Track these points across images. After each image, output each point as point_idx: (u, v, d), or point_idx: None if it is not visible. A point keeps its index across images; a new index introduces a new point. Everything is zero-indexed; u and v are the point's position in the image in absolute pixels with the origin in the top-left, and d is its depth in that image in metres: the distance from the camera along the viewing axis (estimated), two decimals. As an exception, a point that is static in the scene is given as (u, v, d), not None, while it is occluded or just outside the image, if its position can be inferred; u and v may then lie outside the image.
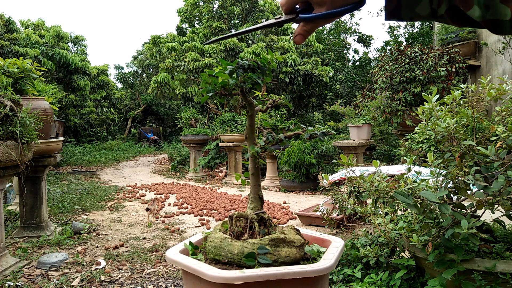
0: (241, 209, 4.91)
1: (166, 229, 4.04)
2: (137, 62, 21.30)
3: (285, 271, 1.25)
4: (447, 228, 1.77)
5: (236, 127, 8.79)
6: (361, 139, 6.48)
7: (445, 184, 1.78)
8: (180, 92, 10.85)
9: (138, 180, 8.34)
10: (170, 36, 12.11)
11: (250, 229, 1.46)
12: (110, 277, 2.74)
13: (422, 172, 2.01)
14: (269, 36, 11.42)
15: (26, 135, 2.78)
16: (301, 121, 11.18)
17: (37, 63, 4.01)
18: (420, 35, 15.05)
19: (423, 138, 2.48)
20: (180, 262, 1.38)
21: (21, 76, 3.32)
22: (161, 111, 19.91)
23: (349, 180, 2.17)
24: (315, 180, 6.35)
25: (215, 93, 1.48)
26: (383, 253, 2.22)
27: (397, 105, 5.72)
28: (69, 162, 11.23)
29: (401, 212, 2.39)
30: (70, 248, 3.41)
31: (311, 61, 11.16)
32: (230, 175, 7.85)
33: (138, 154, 14.89)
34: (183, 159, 10.72)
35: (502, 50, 5.77)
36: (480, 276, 1.71)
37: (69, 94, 12.53)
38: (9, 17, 10.65)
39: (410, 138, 3.30)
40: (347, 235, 3.46)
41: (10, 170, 2.78)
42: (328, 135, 1.51)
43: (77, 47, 14.99)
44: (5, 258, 2.85)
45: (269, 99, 1.65)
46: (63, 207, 5.08)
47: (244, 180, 1.57)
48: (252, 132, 1.53)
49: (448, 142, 1.92)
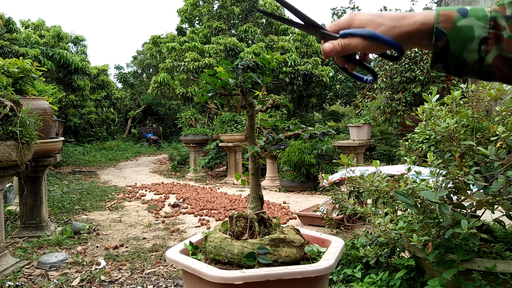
0: (241, 209, 4.91)
1: (166, 229, 4.04)
2: (137, 62, 21.31)
3: (285, 271, 1.25)
4: (447, 228, 1.77)
5: (236, 127, 8.79)
6: (361, 139, 6.48)
7: (445, 184, 1.78)
8: (180, 92, 10.85)
9: (138, 180, 8.34)
10: (170, 36, 12.11)
11: (250, 229, 1.46)
12: (110, 277, 2.74)
13: (422, 172, 2.01)
14: (269, 36, 11.42)
15: (26, 135, 2.78)
16: (301, 121, 11.17)
17: (37, 63, 4.01)
18: (420, 35, 15.06)
19: (423, 138, 2.48)
20: (180, 262, 1.38)
21: (21, 76, 3.32)
22: (161, 111, 19.91)
23: (349, 180, 2.17)
24: (315, 180, 6.34)
25: (215, 93, 1.48)
26: (383, 253, 2.22)
27: (397, 105, 5.72)
28: (69, 162, 11.23)
29: (401, 212, 2.39)
30: (70, 248, 3.40)
31: (311, 61, 11.16)
32: (230, 175, 7.85)
33: (138, 154, 14.89)
34: (183, 159, 10.72)
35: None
36: (480, 276, 1.71)
37: (69, 94, 12.54)
38: (9, 17, 10.65)
39: (410, 138, 3.30)
40: (347, 235, 3.46)
41: (10, 170, 2.78)
42: (328, 135, 1.51)
43: (77, 47, 15.00)
44: (5, 258, 2.85)
45: (269, 99, 1.65)
46: (63, 207, 5.07)
47: (244, 180, 1.57)
48: (252, 132, 1.53)
49: (448, 142, 1.92)
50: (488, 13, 0.57)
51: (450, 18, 0.58)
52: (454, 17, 0.58)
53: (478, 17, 0.57)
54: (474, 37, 0.57)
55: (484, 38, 0.57)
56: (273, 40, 11.23)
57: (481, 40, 0.57)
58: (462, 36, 0.57)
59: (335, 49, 0.66)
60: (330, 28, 0.69)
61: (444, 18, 0.58)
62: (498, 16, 0.57)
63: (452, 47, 0.58)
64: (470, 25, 0.57)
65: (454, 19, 0.58)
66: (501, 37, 0.56)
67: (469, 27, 0.57)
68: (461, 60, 0.59)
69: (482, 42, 0.57)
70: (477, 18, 0.57)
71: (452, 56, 0.59)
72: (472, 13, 0.58)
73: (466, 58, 0.58)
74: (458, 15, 0.58)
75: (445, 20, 0.58)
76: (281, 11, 12.94)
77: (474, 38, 0.57)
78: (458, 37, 0.57)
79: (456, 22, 0.58)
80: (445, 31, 0.58)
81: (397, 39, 0.63)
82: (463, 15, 0.58)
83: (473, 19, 0.57)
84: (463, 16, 0.58)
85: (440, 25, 0.58)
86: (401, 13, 0.63)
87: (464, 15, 0.58)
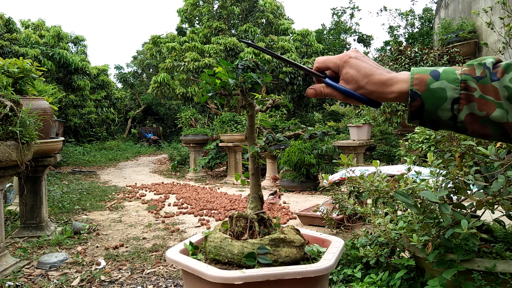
0: (241, 209, 4.91)
1: (166, 229, 4.04)
2: (137, 62, 21.31)
3: (285, 271, 1.25)
4: (447, 228, 1.77)
5: (236, 127, 8.79)
6: (361, 139, 6.48)
7: (445, 184, 1.78)
8: (180, 92, 10.85)
9: (138, 180, 8.34)
10: (170, 36, 12.11)
11: (250, 229, 1.46)
12: (110, 277, 2.74)
13: (422, 172, 2.01)
14: (269, 36, 11.42)
15: (26, 135, 2.78)
16: (301, 121, 11.17)
17: (37, 63, 4.01)
18: (420, 35, 15.05)
19: (423, 138, 2.48)
20: (180, 262, 1.38)
21: (21, 76, 3.32)
22: (161, 111, 19.91)
23: (349, 180, 2.17)
24: (315, 180, 6.34)
25: (215, 93, 1.48)
26: (383, 253, 2.22)
27: (397, 105, 5.72)
28: (69, 162, 11.23)
29: (401, 212, 2.39)
30: (70, 248, 3.40)
31: (311, 61, 11.16)
32: (230, 175, 7.85)
33: (138, 154, 14.89)
34: (183, 159, 10.72)
35: (502, 50, 5.76)
36: (480, 276, 1.71)
37: (69, 94, 12.54)
38: (9, 17, 10.65)
39: (410, 138, 3.31)
40: (347, 235, 3.46)
41: (10, 170, 2.78)
42: (328, 135, 1.51)
43: (77, 47, 15.00)
44: (5, 258, 2.85)
45: (269, 99, 1.65)
46: (63, 207, 5.07)
47: (244, 180, 1.57)
48: (252, 132, 1.53)
49: (448, 142, 1.92)
50: (459, 76, 0.62)
51: (423, 81, 0.63)
52: (427, 80, 0.63)
53: (449, 80, 0.62)
54: (447, 98, 0.62)
55: (456, 98, 0.61)
56: (273, 40, 11.23)
57: (453, 100, 0.61)
58: (436, 97, 0.62)
59: (317, 96, 0.75)
60: (318, 63, 0.75)
61: (418, 81, 0.63)
62: (468, 78, 0.61)
63: (427, 106, 0.63)
64: (442, 87, 0.62)
65: (427, 82, 0.63)
66: (472, 97, 0.61)
67: (441, 89, 0.62)
68: (436, 117, 0.64)
69: (455, 102, 0.61)
70: (448, 81, 0.62)
71: (427, 113, 0.64)
72: (444, 76, 0.62)
73: (440, 115, 0.63)
74: (431, 78, 0.63)
75: (419, 83, 0.63)
76: (281, 11, 12.95)
77: (447, 98, 0.62)
78: (432, 98, 0.62)
79: (429, 84, 0.63)
80: (419, 92, 0.63)
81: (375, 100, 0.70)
82: (435, 78, 0.63)
83: (445, 82, 0.62)
84: (435, 79, 0.63)
85: (415, 87, 0.63)
86: (383, 77, 0.68)
87: (436, 78, 0.63)
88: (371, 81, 0.68)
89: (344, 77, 0.70)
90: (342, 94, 0.71)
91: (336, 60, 0.72)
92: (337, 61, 0.71)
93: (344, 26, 17.55)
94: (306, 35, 12.43)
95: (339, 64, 0.71)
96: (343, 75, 0.71)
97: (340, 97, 0.72)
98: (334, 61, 0.72)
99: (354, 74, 0.69)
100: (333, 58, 0.72)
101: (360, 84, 0.69)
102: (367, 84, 0.68)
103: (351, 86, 0.70)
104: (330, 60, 0.73)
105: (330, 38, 17.15)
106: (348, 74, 0.70)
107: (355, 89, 0.69)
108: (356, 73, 0.69)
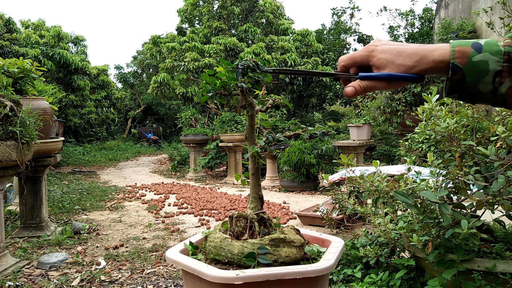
0: (241, 209, 4.91)
1: (166, 229, 4.04)
2: (137, 62, 21.31)
3: (285, 271, 1.25)
4: (447, 228, 1.77)
5: (236, 127, 8.79)
6: (361, 139, 6.47)
7: (445, 184, 1.78)
8: (180, 92, 10.85)
9: (138, 180, 8.34)
10: (170, 36, 12.11)
11: (250, 229, 1.46)
12: (110, 277, 2.74)
13: (422, 172, 2.01)
14: (269, 36, 11.42)
15: (26, 135, 2.78)
16: (301, 121, 11.17)
17: (37, 63, 4.01)
18: (420, 35, 15.05)
19: (423, 138, 2.48)
20: (180, 262, 1.38)
21: (21, 76, 3.32)
22: (161, 111, 19.91)
23: (349, 180, 2.17)
24: (315, 180, 6.34)
25: (215, 93, 1.48)
26: (383, 253, 2.22)
27: (397, 105, 5.72)
28: (69, 162, 11.23)
29: (401, 212, 2.39)
30: (70, 248, 3.40)
31: (311, 61, 11.16)
32: (230, 175, 7.84)
33: (138, 154, 14.89)
34: (183, 159, 10.72)
35: (502, 50, 5.76)
36: (480, 276, 1.71)
37: (69, 94, 12.54)
38: (9, 17, 10.65)
39: (410, 138, 3.30)
40: (347, 235, 3.46)
41: (10, 170, 2.78)
42: (328, 135, 1.51)
43: (77, 47, 15.00)
44: (5, 258, 2.85)
45: (269, 99, 1.65)
46: (63, 207, 5.07)
47: (244, 180, 1.56)
48: (252, 132, 1.53)
49: (448, 142, 1.92)
50: (502, 48, 0.61)
51: (465, 54, 0.62)
52: (469, 52, 0.62)
53: (492, 52, 0.61)
54: (489, 71, 0.61)
55: (499, 71, 0.61)
56: (273, 40, 11.23)
57: (495, 73, 0.61)
58: (478, 70, 0.61)
59: (358, 93, 0.71)
60: (343, 62, 0.73)
61: (460, 54, 0.63)
62: (511, 50, 0.60)
63: (468, 80, 0.62)
64: (485, 60, 0.61)
65: (469, 55, 0.62)
66: None
67: (484, 61, 0.61)
68: (476, 90, 0.63)
69: (497, 75, 0.61)
70: (491, 53, 0.61)
71: (467, 87, 0.63)
72: (486, 48, 0.62)
73: (481, 89, 0.63)
74: (473, 51, 0.62)
75: (461, 56, 0.62)
76: (281, 11, 12.94)
77: (489, 71, 0.61)
78: (473, 71, 0.62)
79: (471, 57, 0.62)
80: (461, 66, 0.62)
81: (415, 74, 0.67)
82: (478, 50, 0.62)
83: (487, 54, 0.61)
84: (477, 52, 0.62)
85: (456, 60, 0.63)
86: (418, 49, 0.66)
87: (478, 50, 0.62)
88: (407, 56, 0.67)
89: (377, 63, 0.69)
90: (384, 80, 0.69)
91: (362, 53, 0.71)
92: (363, 53, 0.71)
93: (344, 26, 17.55)
94: (306, 35, 12.43)
95: (367, 55, 0.70)
96: (375, 62, 0.69)
97: (382, 86, 0.70)
98: (360, 54, 0.71)
99: (388, 57, 0.68)
100: (358, 51, 0.72)
101: (397, 63, 0.67)
102: (404, 60, 0.67)
103: (389, 69, 0.68)
104: (356, 55, 0.72)
105: (330, 38, 17.14)
106: (381, 59, 0.69)
107: (394, 70, 0.68)
108: (389, 55, 0.68)
